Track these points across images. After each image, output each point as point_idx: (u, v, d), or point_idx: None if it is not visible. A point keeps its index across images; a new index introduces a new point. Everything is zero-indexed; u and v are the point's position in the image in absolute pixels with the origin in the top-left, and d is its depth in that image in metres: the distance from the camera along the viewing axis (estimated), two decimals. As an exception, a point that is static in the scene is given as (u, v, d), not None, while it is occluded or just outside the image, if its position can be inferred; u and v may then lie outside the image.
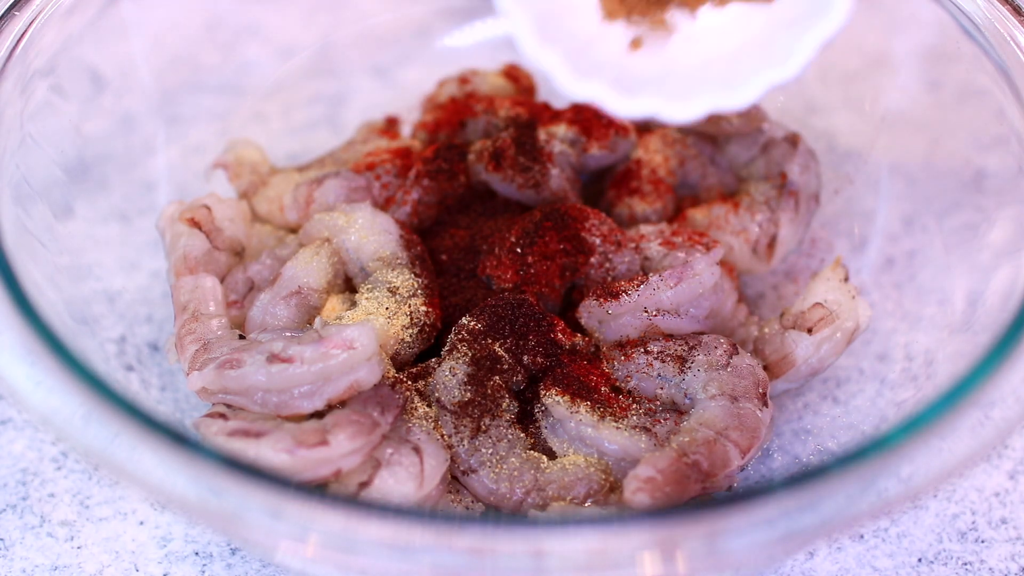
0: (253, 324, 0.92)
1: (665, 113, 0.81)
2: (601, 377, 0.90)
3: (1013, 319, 0.79)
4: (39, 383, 0.76)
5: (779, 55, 0.80)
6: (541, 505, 0.85)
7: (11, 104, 0.91)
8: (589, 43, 0.84)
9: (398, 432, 0.86)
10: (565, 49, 0.81)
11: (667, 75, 0.83)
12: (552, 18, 0.83)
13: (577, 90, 0.82)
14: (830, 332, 0.93)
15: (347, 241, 0.94)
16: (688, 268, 0.91)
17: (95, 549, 0.90)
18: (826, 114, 1.11)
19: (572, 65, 0.81)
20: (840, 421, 0.95)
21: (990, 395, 0.76)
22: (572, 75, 0.81)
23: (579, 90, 0.82)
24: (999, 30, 0.93)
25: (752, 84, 0.80)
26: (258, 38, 1.19)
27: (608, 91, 0.81)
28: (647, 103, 0.80)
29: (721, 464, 0.84)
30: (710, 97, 0.80)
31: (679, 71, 0.84)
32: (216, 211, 0.96)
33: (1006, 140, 0.93)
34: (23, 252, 0.85)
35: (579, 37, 0.83)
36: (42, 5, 0.93)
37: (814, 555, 0.90)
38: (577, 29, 0.84)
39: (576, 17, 0.84)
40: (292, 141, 1.13)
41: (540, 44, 0.81)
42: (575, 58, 0.81)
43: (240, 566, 0.90)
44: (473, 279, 0.95)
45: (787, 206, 0.99)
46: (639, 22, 0.86)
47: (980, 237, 0.95)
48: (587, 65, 0.82)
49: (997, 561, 0.90)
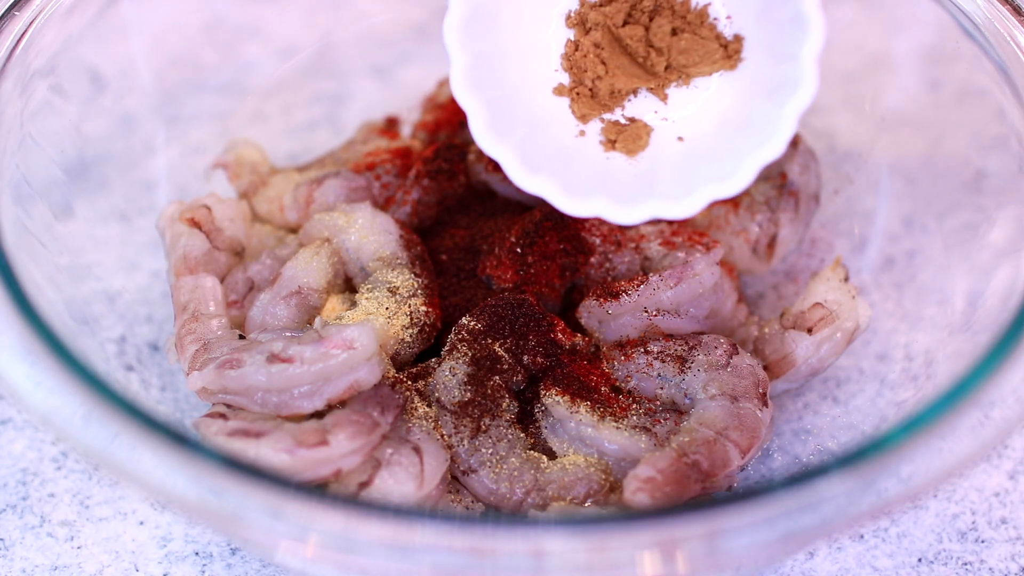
0: (253, 324, 0.92)
1: (611, 216, 0.86)
2: (601, 377, 0.90)
3: (1013, 319, 0.79)
4: (39, 383, 0.76)
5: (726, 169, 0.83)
6: (541, 505, 0.85)
7: (11, 104, 0.91)
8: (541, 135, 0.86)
9: (398, 432, 0.86)
10: (516, 142, 0.84)
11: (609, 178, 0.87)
12: (505, 110, 0.86)
13: (578, 210, 0.86)
14: (830, 332, 0.93)
15: (347, 241, 0.94)
16: (688, 268, 0.91)
17: (95, 549, 0.90)
18: (826, 114, 1.11)
19: (522, 158, 0.85)
20: (840, 421, 0.95)
21: (990, 395, 0.76)
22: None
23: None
24: (999, 30, 0.93)
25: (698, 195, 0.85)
26: (258, 38, 1.19)
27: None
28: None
29: (721, 464, 0.84)
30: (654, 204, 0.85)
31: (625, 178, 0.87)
32: (216, 211, 0.96)
33: (1006, 140, 0.93)
34: (23, 252, 0.85)
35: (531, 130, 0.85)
36: (42, 5, 0.93)
37: (814, 555, 0.90)
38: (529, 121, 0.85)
39: (528, 110, 0.86)
40: (292, 141, 1.13)
41: (494, 137, 0.83)
42: (526, 152, 0.85)
43: (240, 566, 0.90)
44: (473, 279, 0.95)
45: (787, 206, 0.99)
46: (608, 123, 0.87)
47: (980, 237, 0.95)
48: (538, 160, 0.84)
49: (997, 561, 0.90)
